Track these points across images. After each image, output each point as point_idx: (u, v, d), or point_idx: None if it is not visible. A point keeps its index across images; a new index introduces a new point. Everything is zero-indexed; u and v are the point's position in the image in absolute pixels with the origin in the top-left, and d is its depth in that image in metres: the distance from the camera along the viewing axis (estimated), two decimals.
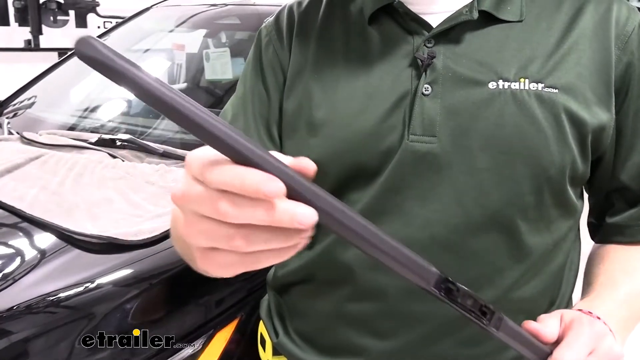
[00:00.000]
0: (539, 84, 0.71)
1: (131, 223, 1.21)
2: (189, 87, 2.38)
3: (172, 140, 1.76)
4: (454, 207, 0.72)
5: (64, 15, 5.04)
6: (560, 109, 0.71)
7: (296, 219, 0.37)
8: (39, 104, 2.11)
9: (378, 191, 0.75)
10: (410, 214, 0.74)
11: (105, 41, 2.35)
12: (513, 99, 0.71)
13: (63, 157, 1.58)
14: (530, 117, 0.70)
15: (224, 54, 2.05)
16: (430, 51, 0.73)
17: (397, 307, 0.76)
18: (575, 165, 0.73)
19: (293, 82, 0.81)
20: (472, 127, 0.71)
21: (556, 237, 0.77)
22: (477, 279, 0.74)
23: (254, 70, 0.86)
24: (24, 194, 1.33)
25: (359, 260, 0.76)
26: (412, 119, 0.72)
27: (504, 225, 0.73)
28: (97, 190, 1.38)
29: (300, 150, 0.79)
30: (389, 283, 0.75)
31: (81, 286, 1.05)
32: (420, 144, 0.72)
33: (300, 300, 0.86)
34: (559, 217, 0.77)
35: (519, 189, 0.72)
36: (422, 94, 0.72)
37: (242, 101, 0.86)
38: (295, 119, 0.80)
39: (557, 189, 0.74)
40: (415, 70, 0.74)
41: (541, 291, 0.78)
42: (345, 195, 0.77)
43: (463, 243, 0.73)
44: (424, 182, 0.73)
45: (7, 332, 0.99)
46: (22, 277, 1.07)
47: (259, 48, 0.86)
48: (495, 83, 0.71)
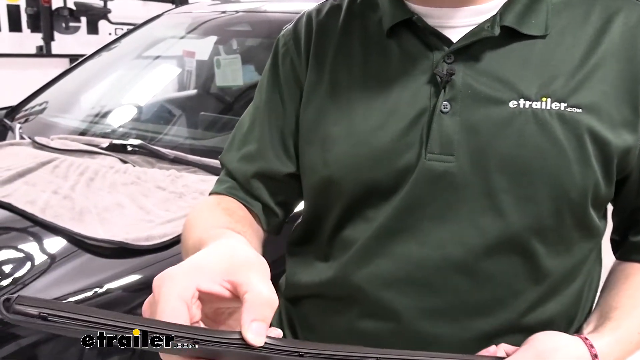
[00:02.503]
0: (561, 103, 0.68)
1: (142, 228, 1.21)
2: (199, 93, 2.39)
3: (183, 146, 1.76)
4: (470, 228, 0.70)
5: (75, 22, 5.08)
6: (584, 129, 0.68)
7: None
8: (51, 109, 2.13)
9: (393, 210, 0.73)
10: (425, 234, 0.72)
11: (116, 48, 2.38)
12: (534, 119, 0.68)
13: (74, 162, 1.58)
14: (552, 138, 0.68)
15: (234, 61, 2.05)
16: (450, 68, 0.70)
17: (410, 328, 0.74)
18: (598, 188, 0.70)
19: (310, 95, 0.80)
20: (491, 146, 0.69)
21: (576, 259, 0.75)
22: (492, 301, 0.72)
23: (271, 81, 0.85)
24: (35, 198, 1.34)
25: (372, 281, 0.75)
26: (430, 137, 0.70)
27: (521, 247, 0.70)
28: (108, 195, 1.38)
29: (315, 165, 0.78)
30: (401, 303, 0.74)
31: (91, 291, 1.05)
32: (437, 162, 0.70)
33: (312, 314, 0.85)
34: (580, 240, 0.74)
35: (538, 211, 0.69)
36: (440, 111, 0.70)
37: (258, 112, 0.85)
38: (311, 133, 0.79)
39: (579, 211, 0.71)
40: (434, 87, 0.71)
41: (559, 313, 0.75)
42: (359, 212, 0.76)
43: (478, 265, 0.71)
44: (440, 201, 0.71)
45: (16, 337, 0.99)
46: (33, 282, 1.07)
47: (276, 57, 0.85)
48: (515, 102, 0.69)
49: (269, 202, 0.83)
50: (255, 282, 0.48)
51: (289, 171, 0.82)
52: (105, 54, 2.37)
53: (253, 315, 0.46)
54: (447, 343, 0.73)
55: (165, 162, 1.63)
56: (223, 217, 0.76)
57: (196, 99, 2.34)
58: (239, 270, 0.48)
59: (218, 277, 0.48)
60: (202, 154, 1.64)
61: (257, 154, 0.83)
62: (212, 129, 1.99)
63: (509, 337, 0.73)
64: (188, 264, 0.50)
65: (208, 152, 1.67)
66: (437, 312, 0.73)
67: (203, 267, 0.49)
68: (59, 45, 4.97)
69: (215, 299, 0.49)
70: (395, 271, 0.73)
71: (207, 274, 0.48)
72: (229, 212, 0.79)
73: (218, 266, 0.49)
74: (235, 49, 2.23)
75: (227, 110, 2.16)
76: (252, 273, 0.48)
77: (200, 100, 2.33)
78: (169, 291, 0.46)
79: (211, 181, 1.50)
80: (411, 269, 0.72)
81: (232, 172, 0.84)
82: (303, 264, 0.84)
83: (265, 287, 0.47)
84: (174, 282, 0.47)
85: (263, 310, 0.46)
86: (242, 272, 0.48)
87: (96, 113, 2.09)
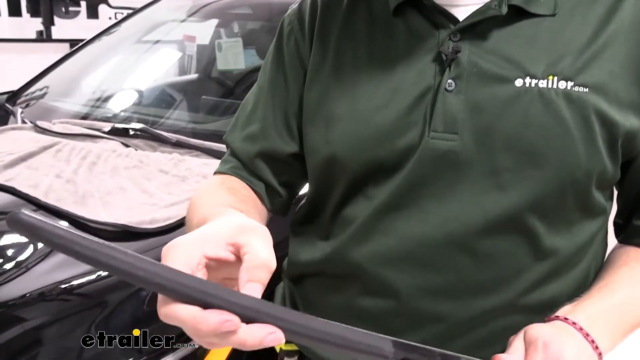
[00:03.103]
0: (568, 82, 0.67)
1: (145, 211, 1.21)
2: (201, 77, 2.38)
3: (184, 130, 1.75)
4: (473, 206, 0.70)
5: (75, 7, 5.05)
6: (590, 109, 0.67)
7: (263, 343, 0.44)
8: (52, 94, 2.12)
9: (396, 188, 0.73)
10: (427, 212, 0.72)
11: (117, 32, 2.36)
12: (540, 98, 0.67)
13: (77, 145, 1.58)
14: (558, 117, 0.67)
15: (236, 44, 2.04)
16: (455, 45, 0.70)
17: (409, 306, 0.74)
18: (604, 169, 0.70)
19: (314, 75, 0.80)
20: (495, 125, 0.68)
21: (579, 240, 0.75)
22: (493, 280, 0.72)
23: (275, 61, 0.84)
24: (38, 182, 1.33)
25: (371, 258, 0.75)
26: (434, 116, 0.70)
27: (522, 226, 0.70)
28: (111, 179, 1.38)
29: (319, 144, 0.78)
30: (402, 281, 0.74)
31: (94, 274, 1.05)
32: (441, 141, 0.70)
33: (313, 292, 0.85)
34: (582, 220, 0.74)
35: (541, 190, 0.69)
36: (445, 89, 0.70)
37: (262, 92, 0.85)
38: (315, 112, 0.79)
39: (582, 192, 0.71)
40: (439, 65, 0.71)
41: (562, 294, 0.75)
42: (361, 190, 0.76)
43: (480, 244, 0.71)
44: (443, 180, 0.71)
45: (20, 320, 0.99)
46: (35, 265, 1.07)
47: (281, 37, 0.85)
48: (522, 80, 0.68)
49: (273, 182, 0.84)
50: (255, 244, 0.49)
51: (292, 151, 0.82)
52: (106, 39, 2.35)
53: (249, 276, 0.47)
54: (446, 321, 0.74)
55: (168, 146, 1.62)
56: (227, 196, 0.77)
57: (197, 83, 2.33)
58: (241, 233, 0.50)
59: (222, 242, 0.49)
60: (203, 138, 1.64)
61: (261, 134, 0.83)
62: (214, 113, 1.99)
63: (509, 316, 0.73)
64: (194, 234, 0.51)
65: (210, 136, 1.67)
66: (437, 290, 0.73)
67: (208, 235, 0.50)
68: (59, 30, 4.94)
69: (223, 265, 0.50)
70: (396, 249, 0.73)
71: (212, 240, 0.50)
72: (233, 192, 0.79)
73: (222, 232, 0.50)
74: (237, 32, 2.22)
75: (229, 94, 2.15)
76: (253, 236, 0.50)
77: (201, 84, 2.32)
78: (175, 259, 0.47)
79: (214, 165, 1.49)
80: (412, 247, 0.72)
81: (236, 151, 0.85)
82: (305, 243, 0.85)
83: (264, 249, 0.49)
84: (179, 250, 0.48)
85: (259, 272, 0.47)
86: (244, 235, 0.49)
87: (97, 97, 2.08)
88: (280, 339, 0.44)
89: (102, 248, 0.42)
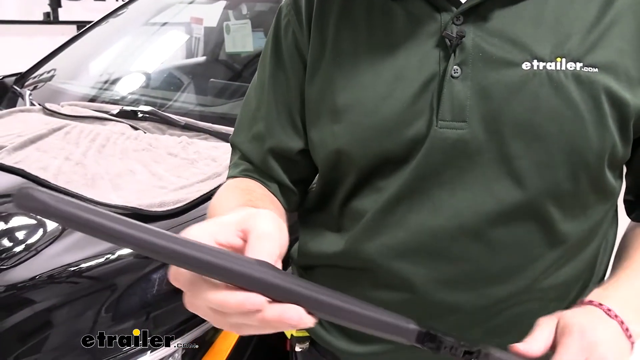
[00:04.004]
0: (577, 63, 0.65)
1: (155, 194, 1.20)
2: (208, 60, 2.36)
3: (193, 113, 1.75)
4: (485, 195, 0.69)
5: None
6: (600, 89, 0.65)
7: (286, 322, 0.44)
8: (59, 76, 2.12)
9: (405, 179, 0.71)
10: (438, 203, 0.70)
11: (124, 14, 2.35)
12: (549, 81, 0.65)
13: (85, 128, 1.57)
14: (567, 101, 0.65)
15: (244, 26, 2.03)
16: (459, 29, 0.68)
17: (424, 297, 0.73)
18: (615, 150, 0.68)
19: (314, 67, 0.77)
20: (504, 111, 0.66)
21: (592, 222, 0.74)
22: (508, 268, 0.71)
23: (274, 55, 0.82)
24: (47, 164, 1.33)
25: (384, 252, 0.74)
26: (441, 104, 0.68)
27: (537, 213, 0.69)
28: (120, 162, 1.37)
29: (325, 138, 0.76)
30: (416, 274, 0.73)
31: (103, 257, 1.05)
32: (449, 130, 0.68)
33: (324, 282, 0.84)
34: (597, 202, 0.73)
35: (554, 176, 0.68)
36: (451, 76, 0.68)
37: (263, 89, 0.83)
38: (318, 106, 0.77)
39: (595, 174, 0.69)
40: (443, 50, 0.69)
41: (574, 277, 0.75)
42: (370, 183, 0.74)
43: (493, 232, 0.69)
44: (453, 170, 0.69)
45: (30, 302, 0.99)
46: (45, 248, 1.07)
47: (278, 29, 0.82)
48: (529, 63, 0.66)
49: (285, 180, 0.82)
50: (260, 223, 0.49)
51: (299, 147, 0.81)
52: (113, 21, 2.34)
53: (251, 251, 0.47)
54: (462, 311, 0.73)
55: (176, 129, 1.62)
56: (243, 197, 0.76)
57: (205, 66, 2.32)
58: (250, 218, 0.49)
59: (233, 228, 0.49)
60: (211, 121, 1.63)
61: (267, 133, 0.81)
62: (222, 96, 1.98)
63: (524, 303, 0.73)
64: (207, 222, 0.51)
65: (218, 118, 1.66)
66: (452, 281, 0.72)
67: (219, 223, 0.50)
68: (66, 12, 4.92)
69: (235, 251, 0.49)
70: (408, 241, 0.72)
71: (224, 227, 0.49)
72: (248, 191, 0.78)
73: (233, 220, 0.50)
74: (245, 14, 2.20)
75: (237, 77, 2.14)
76: (260, 218, 0.49)
77: (209, 67, 2.31)
78: None
79: (222, 147, 1.50)
80: (424, 239, 0.71)
81: (245, 153, 0.83)
82: (315, 234, 0.84)
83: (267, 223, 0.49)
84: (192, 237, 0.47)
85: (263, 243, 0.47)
86: (252, 219, 0.49)
87: (105, 80, 2.08)
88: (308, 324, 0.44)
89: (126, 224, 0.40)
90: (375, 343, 0.78)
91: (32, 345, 0.95)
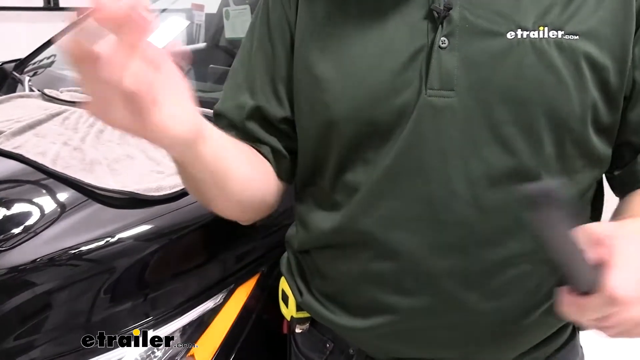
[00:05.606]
0: (559, 31, 0.69)
1: (152, 179, 1.21)
2: (209, 46, 2.36)
3: None
4: (475, 161, 0.71)
5: None
6: (580, 56, 0.69)
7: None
8: (59, 63, 2.11)
9: (396, 150, 0.73)
10: (430, 171, 0.72)
11: None
12: (532, 49, 0.69)
13: (84, 113, 1.58)
14: (550, 67, 0.69)
15: (244, 12, 2.02)
16: (447, 2, 0.71)
17: (419, 265, 0.75)
18: (597, 113, 0.72)
19: (302, 39, 0.79)
20: (490, 79, 0.70)
21: (581, 187, 0.77)
22: (500, 232, 0.73)
23: (262, 25, 0.84)
24: (46, 149, 1.34)
25: (381, 224, 0.75)
26: (430, 73, 0.71)
27: (526, 177, 0.71)
28: (118, 147, 1.38)
29: (313, 110, 0.78)
30: (412, 242, 0.75)
31: (103, 240, 1.06)
32: (438, 98, 0.71)
33: (322, 263, 0.85)
34: (584, 168, 0.76)
35: (540, 140, 0.71)
36: (439, 47, 0.71)
37: (250, 59, 0.84)
38: (306, 76, 0.78)
39: (580, 139, 0.72)
40: (431, 22, 0.72)
41: None
42: (360, 155, 0.76)
43: (485, 197, 0.72)
44: (442, 137, 0.71)
45: (30, 284, 1.00)
46: (44, 230, 1.08)
47: (266, 1, 0.84)
48: (513, 33, 0.69)
49: (275, 143, 0.84)
50: None
51: (283, 115, 0.82)
52: None
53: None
54: (458, 276, 0.74)
55: None
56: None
57: (205, 52, 2.32)
58: None
59: None
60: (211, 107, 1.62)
61: (252, 99, 0.83)
62: (222, 82, 1.97)
63: (519, 265, 0.75)
64: None
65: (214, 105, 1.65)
66: (448, 246, 0.74)
67: None
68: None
69: None
70: (404, 211, 0.74)
71: None
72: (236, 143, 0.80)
73: None
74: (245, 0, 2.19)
75: None
76: None
77: (209, 53, 2.31)
78: None
79: None
80: (419, 207, 0.73)
81: (232, 119, 0.84)
82: (309, 210, 0.85)
83: None
84: None
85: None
86: None
87: None
88: None
89: None
90: (375, 316, 0.80)
91: (32, 326, 0.96)
